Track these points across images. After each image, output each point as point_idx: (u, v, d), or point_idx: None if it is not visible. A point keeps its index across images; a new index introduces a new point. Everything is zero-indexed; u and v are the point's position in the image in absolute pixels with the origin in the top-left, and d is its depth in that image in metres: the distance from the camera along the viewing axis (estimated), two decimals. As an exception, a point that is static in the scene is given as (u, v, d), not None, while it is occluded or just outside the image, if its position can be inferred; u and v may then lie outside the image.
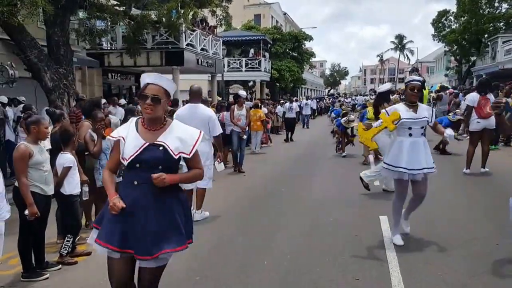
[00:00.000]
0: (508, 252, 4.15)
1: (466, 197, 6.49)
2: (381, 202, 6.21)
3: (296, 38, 33.88)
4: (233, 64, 29.87)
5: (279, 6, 46.00)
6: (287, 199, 6.72)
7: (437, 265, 3.96)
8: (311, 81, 53.88)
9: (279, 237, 4.90)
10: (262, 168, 9.82)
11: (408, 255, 4.22)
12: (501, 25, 29.80)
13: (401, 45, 69.60)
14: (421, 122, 4.34)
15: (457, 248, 4.36)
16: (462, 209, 5.83)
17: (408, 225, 4.75)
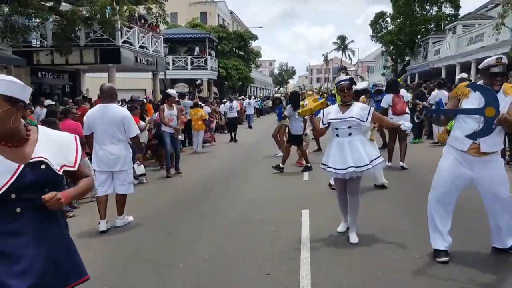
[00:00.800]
0: (415, 239, 4.39)
1: (385, 190, 6.77)
2: (307, 197, 6.42)
3: (241, 37, 34.11)
4: (178, 62, 29.47)
5: (225, 5, 45.99)
6: (219, 199, 6.74)
7: (346, 255, 4.14)
8: (260, 80, 54.37)
9: (203, 237, 4.90)
10: (200, 168, 9.79)
11: (320, 247, 4.37)
12: (432, 26, 31.62)
13: (343, 46, 72.01)
14: (347, 122, 4.30)
15: (368, 238, 4.56)
16: (380, 202, 6.11)
17: (349, 227, 4.70)
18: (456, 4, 31.43)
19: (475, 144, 3.51)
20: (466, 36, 24.84)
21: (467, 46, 24.32)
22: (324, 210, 5.69)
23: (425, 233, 4.08)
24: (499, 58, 3.49)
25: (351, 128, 4.30)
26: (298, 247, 4.39)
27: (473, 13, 29.74)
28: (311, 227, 5.01)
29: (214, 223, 5.46)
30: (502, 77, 3.50)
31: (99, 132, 5.18)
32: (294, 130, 8.69)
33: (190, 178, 8.62)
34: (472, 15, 29.11)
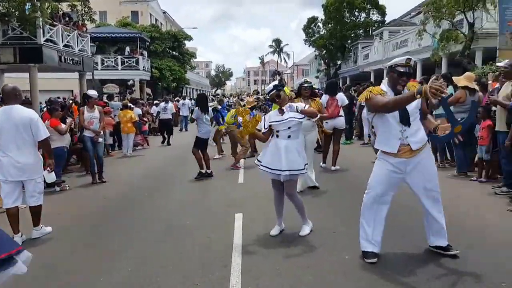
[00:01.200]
0: (345, 240, 4.37)
1: (316, 191, 6.75)
2: (242, 200, 6.26)
3: (175, 37, 33.37)
4: (108, 62, 28.16)
5: (158, 4, 45.02)
6: (147, 206, 6.36)
7: (278, 260, 4.02)
8: (196, 81, 53.81)
9: (128, 248, 4.55)
10: (129, 173, 9.27)
11: (252, 253, 4.23)
12: (361, 32, 33.12)
13: (279, 49, 73.39)
14: (286, 123, 4.39)
15: (299, 240, 4.50)
16: (311, 202, 6.07)
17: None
18: (382, 11, 33.19)
19: (404, 146, 3.54)
20: (392, 41, 26.25)
21: (393, 51, 25.68)
22: (259, 214, 5.56)
23: (355, 234, 4.07)
24: (408, 59, 3.55)
25: (291, 129, 4.37)
26: (230, 254, 4.21)
27: (398, 20, 31.55)
28: (244, 231, 4.86)
29: (141, 232, 5.11)
30: (407, 78, 3.55)
31: (4, 137, 4.63)
32: (201, 133, 8.33)
33: (117, 183, 8.13)
34: (397, 21, 30.86)
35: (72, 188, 7.68)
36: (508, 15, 14.33)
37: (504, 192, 5.75)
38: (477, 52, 18.04)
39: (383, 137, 3.66)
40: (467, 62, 16.76)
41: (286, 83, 8.00)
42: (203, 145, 8.40)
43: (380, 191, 3.73)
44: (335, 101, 8.10)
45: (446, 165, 8.05)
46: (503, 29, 14.34)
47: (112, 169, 9.07)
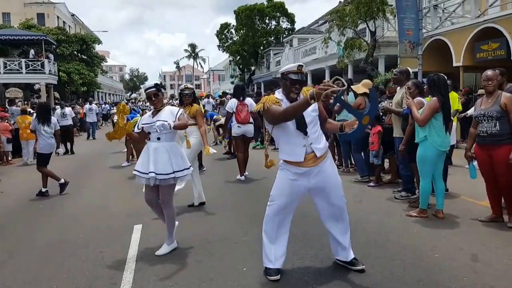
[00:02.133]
0: (242, 251, 4.14)
1: (221, 199, 6.45)
2: (143, 210, 5.69)
3: (83, 40, 31.87)
4: (11, 65, 26.22)
5: (65, 6, 42.86)
6: (40, 218, 5.84)
7: (171, 274, 3.68)
8: (109, 85, 51.87)
9: (9, 265, 4.04)
10: (27, 182, 8.39)
11: (145, 268, 3.84)
12: (272, 39, 33.84)
13: (194, 53, 72.67)
14: (153, 127, 4.16)
15: (198, 250, 4.24)
16: (214, 211, 5.74)
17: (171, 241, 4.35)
18: (291, 19, 34.24)
19: (308, 154, 3.34)
20: (301, 48, 27.09)
21: (303, 58, 26.49)
22: (158, 225, 5.05)
23: (257, 244, 3.86)
24: (300, 65, 3.40)
25: (159, 132, 4.11)
26: (122, 269, 3.81)
27: (307, 28, 32.72)
28: (140, 245, 4.49)
29: (28, 247, 4.56)
30: (300, 85, 3.38)
31: None
32: (40, 147, 7.47)
33: (11, 193, 7.40)
34: (306, 29, 31.99)
35: None
36: (406, 25, 15.34)
37: (403, 197, 5.89)
38: (379, 59, 19.15)
39: (286, 146, 3.42)
40: (370, 69, 17.74)
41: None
42: (44, 160, 7.47)
43: (283, 203, 3.47)
44: (245, 106, 7.83)
45: (351, 169, 8.19)
46: (402, 37, 15.33)
47: (10, 178, 8.29)
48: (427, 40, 15.66)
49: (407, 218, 5.05)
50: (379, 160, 6.77)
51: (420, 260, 3.77)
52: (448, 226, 4.70)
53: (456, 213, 5.17)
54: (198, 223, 5.22)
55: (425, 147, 4.87)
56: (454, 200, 5.83)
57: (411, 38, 15.38)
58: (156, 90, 4.24)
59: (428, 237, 4.37)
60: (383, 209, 5.56)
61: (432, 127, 4.80)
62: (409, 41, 15.39)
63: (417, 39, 15.24)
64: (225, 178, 8.17)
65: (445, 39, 14.78)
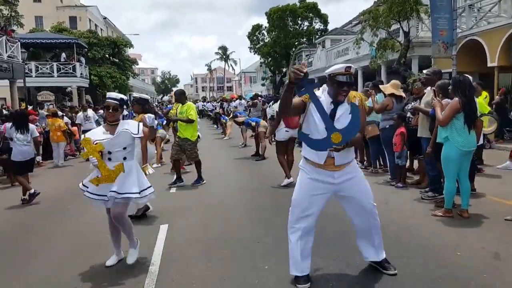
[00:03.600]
0: (265, 250, 4.23)
1: (242, 199, 6.64)
2: (171, 211, 5.99)
3: (115, 44, 32.35)
4: (43, 69, 26.93)
5: (98, 10, 43.82)
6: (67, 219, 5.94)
7: (192, 274, 3.82)
8: (141, 88, 52.82)
9: (35, 264, 4.18)
10: (56, 184, 8.70)
11: (169, 267, 3.98)
12: (304, 40, 33.78)
13: (225, 56, 73.39)
14: (115, 142, 3.86)
15: (218, 250, 4.34)
16: (235, 211, 5.92)
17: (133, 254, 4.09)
18: (324, 19, 34.10)
19: (330, 159, 3.27)
20: (334, 50, 26.97)
21: (335, 59, 26.39)
22: (185, 226, 5.32)
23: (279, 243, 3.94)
24: (348, 67, 3.23)
25: (126, 149, 3.92)
26: (146, 269, 3.96)
27: (340, 29, 32.51)
28: (166, 244, 4.62)
29: (53, 247, 4.74)
30: (348, 88, 3.22)
31: None
32: (12, 154, 7.32)
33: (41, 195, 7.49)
34: (339, 30, 31.80)
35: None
36: (440, 25, 15.07)
37: (430, 197, 5.89)
38: (413, 60, 18.86)
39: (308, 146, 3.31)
40: (404, 70, 17.52)
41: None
42: (17, 167, 7.34)
43: (304, 206, 3.38)
44: None
45: (380, 170, 8.21)
46: (435, 38, 15.07)
47: (38, 180, 8.51)
48: (462, 40, 15.33)
49: (432, 218, 5.06)
50: (403, 161, 6.77)
51: (442, 258, 3.81)
52: (473, 225, 4.70)
53: (482, 212, 5.14)
54: (221, 224, 5.34)
55: (448, 148, 4.88)
56: (481, 200, 5.79)
57: (445, 39, 15.08)
58: (119, 105, 3.93)
59: (451, 236, 4.39)
60: (409, 209, 5.59)
61: (454, 128, 4.82)
62: (443, 41, 15.11)
63: (451, 39, 14.93)
64: (248, 180, 8.32)
65: (479, 39, 14.45)
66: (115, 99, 3.93)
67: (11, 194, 7.87)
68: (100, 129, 4.00)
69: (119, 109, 3.94)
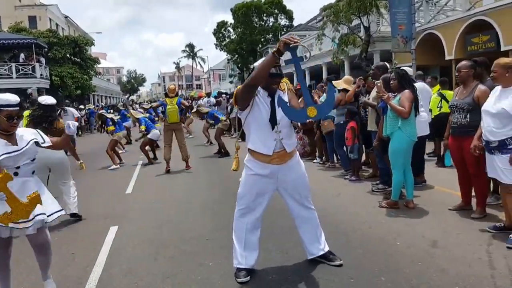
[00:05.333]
0: (213, 247, 4.20)
1: (194, 197, 6.59)
2: (123, 212, 5.91)
3: (75, 43, 31.46)
4: (1, 70, 26.23)
5: (58, 8, 42.59)
6: None
7: (136, 272, 3.77)
8: (105, 88, 51.63)
9: None
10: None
11: (113, 271, 3.88)
12: (270, 36, 33.88)
13: (193, 53, 72.76)
14: (25, 154, 3.14)
15: (166, 250, 4.29)
16: (188, 210, 5.89)
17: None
18: (289, 15, 34.28)
19: (278, 151, 3.32)
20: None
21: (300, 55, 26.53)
22: (136, 227, 5.22)
23: (227, 239, 3.94)
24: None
25: (34, 161, 3.22)
26: (90, 269, 3.89)
27: (304, 25, 32.75)
28: (113, 246, 4.53)
29: None
30: (279, 78, 3.36)
31: None
32: None
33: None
34: (303, 26, 32.02)
35: None
36: (399, 19, 15.40)
37: (380, 189, 6.00)
38: (374, 55, 19.19)
39: (256, 136, 3.36)
40: (366, 65, 17.79)
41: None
42: None
43: (251, 201, 3.44)
44: None
45: (337, 165, 8.30)
46: (395, 32, 15.40)
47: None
48: (420, 34, 15.73)
49: (379, 209, 5.15)
50: (355, 155, 6.87)
51: (382, 248, 3.89)
52: (416, 216, 4.81)
53: (430, 203, 5.27)
54: (174, 223, 5.29)
55: (399, 139, 4.94)
56: (430, 191, 5.94)
57: (404, 33, 15.45)
58: (20, 109, 3.19)
59: (393, 226, 4.49)
60: (360, 201, 5.68)
61: (402, 118, 4.90)
62: (402, 35, 15.46)
63: (409, 34, 15.31)
64: (209, 178, 8.29)
65: (437, 33, 14.86)
66: (15, 105, 3.12)
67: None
68: (2, 141, 3.08)
69: (21, 114, 3.29)
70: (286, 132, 3.38)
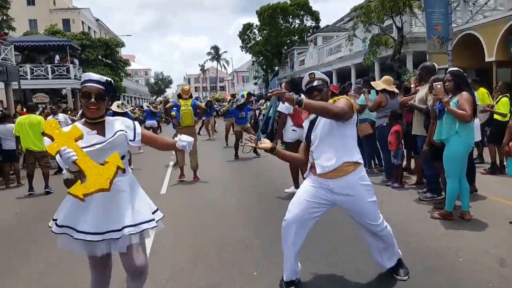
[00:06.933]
0: (255, 254, 3.97)
1: (234, 202, 6.38)
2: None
3: (107, 45, 32.50)
4: (38, 71, 27.07)
5: (90, 12, 44.25)
6: None
7: (178, 279, 3.54)
8: (134, 89, 52.82)
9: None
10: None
11: (156, 273, 3.64)
12: (296, 38, 33.55)
13: (217, 56, 73.12)
14: (111, 147, 2.46)
15: (205, 255, 4.01)
16: (224, 214, 5.66)
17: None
18: (316, 17, 33.85)
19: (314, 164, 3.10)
20: (326, 47, 26.73)
21: (328, 56, 26.16)
22: (173, 230, 5.00)
23: (270, 247, 3.78)
24: (311, 73, 3.28)
25: (123, 159, 2.54)
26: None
27: (332, 26, 32.28)
28: (152, 249, 4.23)
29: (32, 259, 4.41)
30: (318, 92, 3.16)
31: None
32: None
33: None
34: (331, 27, 31.57)
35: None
36: (435, 19, 14.84)
37: (428, 198, 5.64)
38: (407, 56, 18.64)
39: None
40: (398, 66, 17.29)
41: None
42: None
43: (298, 212, 3.11)
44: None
45: (375, 170, 7.95)
46: (430, 33, 14.84)
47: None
48: (457, 35, 15.12)
49: (431, 220, 4.81)
50: (399, 160, 6.52)
51: (443, 264, 3.56)
52: (475, 228, 4.44)
53: (484, 214, 4.89)
54: (211, 227, 5.12)
55: (457, 144, 4.54)
56: (483, 202, 5.53)
57: (440, 33, 14.86)
58: (104, 89, 2.50)
59: (451, 240, 4.13)
60: (406, 211, 5.33)
61: (464, 122, 4.51)
62: (438, 36, 14.88)
63: (446, 34, 14.71)
64: (241, 181, 8.10)
65: (476, 34, 14.25)
66: (98, 81, 2.50)
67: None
68: (82, 127, 2.51)
69: (106, 97, 2.51)
70: (319, 152, 3.12)
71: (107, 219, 2.42)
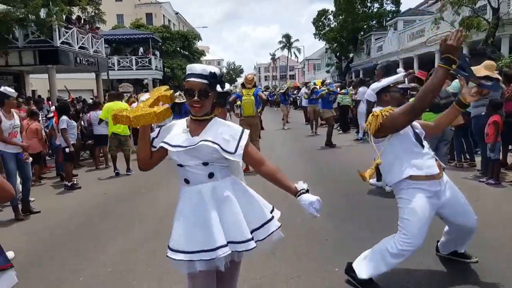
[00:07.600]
0: (334, 249, 4.04)
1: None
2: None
3: (185, 37, 34.50)
4: (124, 62, 29.47)
5: (170, 6, 46.80)
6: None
7: (257, 270, 3.61)
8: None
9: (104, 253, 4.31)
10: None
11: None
12: (374, 23, 32.32)
13: (289, 44, 72.78)
14: (198, 152, 2.13)
15: (283, 248, 4.12)
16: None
17: None
18: (396, 0, 32.31)
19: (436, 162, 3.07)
20: (407, 31, 25.51)
21: (409, 42, 24.96)
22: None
23: (349, 241, 3.83)
24: (404, 75, 3.31)
25: (209, 165, 2.15)
26: None
27: (414, 9, 30.67)
28: None
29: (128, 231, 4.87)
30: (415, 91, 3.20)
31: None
32: None
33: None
34: (413, 11, 30.00)
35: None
36: (538, -2, 13.52)
37: (529, 196, 5.35)
38: (503, 40, 17.20)
39: (414, 159, 2.97)
40: (491, 51, 15.95)
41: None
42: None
43: (422, 238, 2.95)
44: None
45: (465, 164, 7.62)
46: (533, 13, 13.55)
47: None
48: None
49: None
50: (496, 154, 6.15)
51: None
52: None
53: None
54: (287, 216, 4.99)
55: None
56: None
57: (542, 14, 13.54)
58: (208, 83, 2.11)
59: None
60: (505, 211, 5.06)
61: None
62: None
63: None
64: (315, 170, 8.08)
65: None
66: (201, 75, 2.10)
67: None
68: (182, 123, 2.26)
69: (210, 93, 2.13)
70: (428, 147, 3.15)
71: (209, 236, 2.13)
